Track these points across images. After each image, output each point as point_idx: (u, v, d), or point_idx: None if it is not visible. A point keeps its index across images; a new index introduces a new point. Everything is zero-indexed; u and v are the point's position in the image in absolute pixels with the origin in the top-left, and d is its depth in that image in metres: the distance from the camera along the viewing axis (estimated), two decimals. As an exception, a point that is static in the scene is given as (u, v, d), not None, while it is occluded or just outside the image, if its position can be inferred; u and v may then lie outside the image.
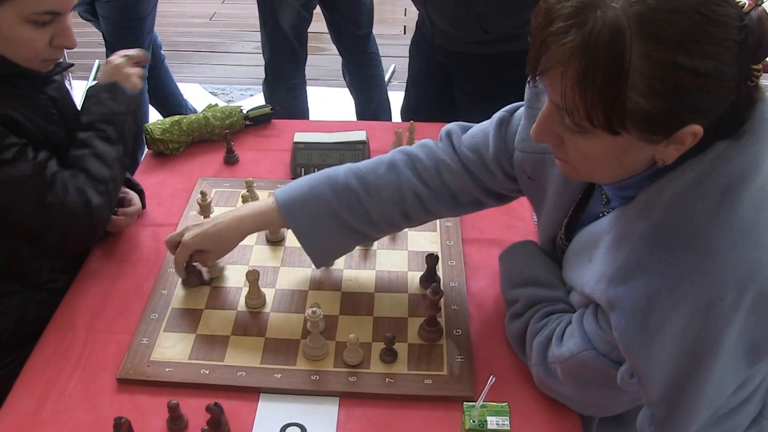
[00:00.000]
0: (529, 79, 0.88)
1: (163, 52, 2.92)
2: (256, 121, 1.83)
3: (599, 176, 0.96)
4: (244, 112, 1.82)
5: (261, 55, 2.66)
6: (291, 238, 1.44)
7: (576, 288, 1.07)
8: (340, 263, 1.39)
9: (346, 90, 2.92)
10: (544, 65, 0.83)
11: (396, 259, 1.40)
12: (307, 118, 2.78)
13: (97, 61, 3.89)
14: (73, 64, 1.40)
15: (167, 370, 1.17)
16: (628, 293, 0.89)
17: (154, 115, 2.84)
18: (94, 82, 1.41)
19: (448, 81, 2.04)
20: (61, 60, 1.33)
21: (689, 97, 0.78)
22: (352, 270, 1.38)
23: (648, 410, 0.92)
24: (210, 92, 3.79)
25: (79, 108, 1.41)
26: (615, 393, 0.98)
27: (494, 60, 1.88)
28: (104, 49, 2.64)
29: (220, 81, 3.94)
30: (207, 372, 1.17)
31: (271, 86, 2.65)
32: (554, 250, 1.20)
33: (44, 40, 1.20)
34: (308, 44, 2.67)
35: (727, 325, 0.84)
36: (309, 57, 2.73)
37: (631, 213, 0.94)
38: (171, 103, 2.92)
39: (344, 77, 2.84)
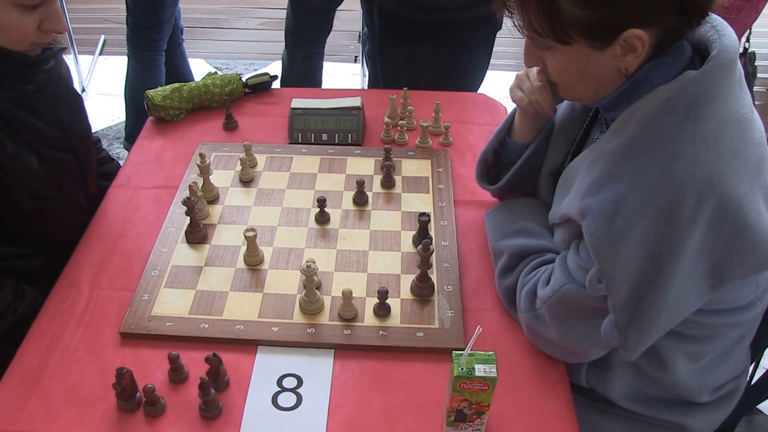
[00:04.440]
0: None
1: (182, 36, 2.89)
2: (254, 89, 1.85)
3: (580, 91, 1.06)
4: (243, 79, 1.84)
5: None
6: (282, 196, 1.47)
7: (556, 218, 1.13)
8: (336, 222, 1.42)
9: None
10: None
11: (390, 218, 1.44)
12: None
13: (102, 36, 3.91)
14: (65, 48, 1.34)
15: (168, 324, 1.21)
16: (599, 201, 0.97)
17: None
18: None
19: (421, 50, 2.00)
20: (53, 44, 1.28)
21: (617, 2, 0.89)
22: (347, 229, 1.41)
23: (613, 316, 0.98)
24: (215, 67, 3.80)
25: (79, 91, 1.37)
26: (597, 330, 1.02)
27: (462, 25, 1.89)
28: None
29: (224, 56, 3.95)
30: (206, 326, 1.20)
31: (290, 52, 2.63)
32: (554, 184, 1.24)
33: (33, 24, 1.17)
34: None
35: (687, 232, 0.90)
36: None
37: (606, 136, 1.02)
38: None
39: (363, 46, 2.83)
